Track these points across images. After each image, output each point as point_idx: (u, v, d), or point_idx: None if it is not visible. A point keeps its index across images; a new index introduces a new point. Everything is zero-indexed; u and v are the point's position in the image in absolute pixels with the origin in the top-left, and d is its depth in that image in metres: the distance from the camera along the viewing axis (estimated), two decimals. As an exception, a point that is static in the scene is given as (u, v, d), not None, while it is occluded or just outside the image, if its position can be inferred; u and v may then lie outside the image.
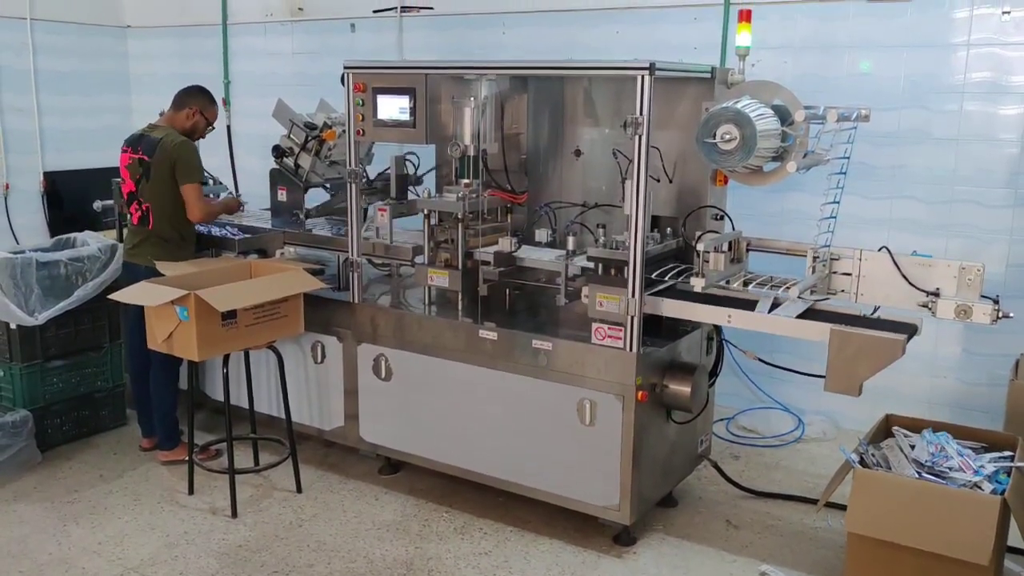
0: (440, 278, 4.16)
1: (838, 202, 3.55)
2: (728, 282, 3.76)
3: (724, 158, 3.37)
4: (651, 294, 3.68)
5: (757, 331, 3.58)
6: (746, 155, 3.31)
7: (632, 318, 3.57)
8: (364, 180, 4.46)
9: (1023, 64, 4.48)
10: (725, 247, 3.79)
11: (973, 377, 4.81)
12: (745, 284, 3.74)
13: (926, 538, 3.14)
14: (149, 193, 4.47)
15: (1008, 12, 4.48)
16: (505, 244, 4.15)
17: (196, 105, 4.63)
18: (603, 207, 4.32)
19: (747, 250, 3.97)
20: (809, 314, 3.55)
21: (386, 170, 4.66)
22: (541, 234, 4.17)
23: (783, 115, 3.45)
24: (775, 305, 3.57)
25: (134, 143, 4.53)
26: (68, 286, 4.66)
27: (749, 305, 3.61)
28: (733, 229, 4.02)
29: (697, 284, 3.56)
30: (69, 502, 4.27)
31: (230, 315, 3.95)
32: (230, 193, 5.59)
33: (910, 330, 3.41)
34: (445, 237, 4.23)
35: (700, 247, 3.63)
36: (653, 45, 5.25)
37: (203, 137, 4.73)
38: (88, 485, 4.44)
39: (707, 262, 3.67)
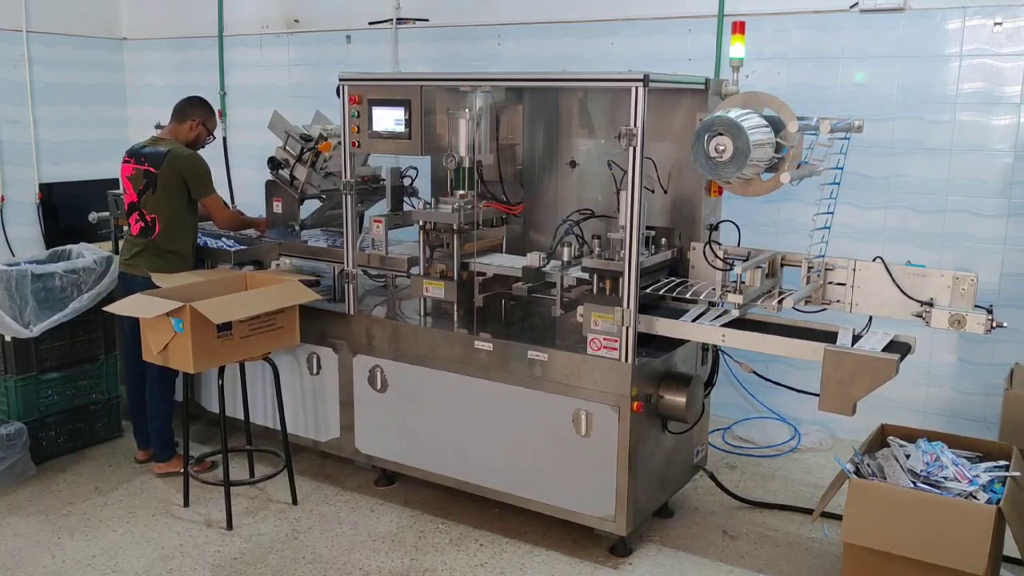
0: (435, 289, 4.16)
1: (832, 212, 3.56)
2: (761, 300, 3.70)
3: (718, 169, 3.38)
4: (644, 311, 3.69)
5: (751, 350, 3.60)
6: (739, 166, 3.32)
7: (627, 329, 3.57)
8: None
9: (1015, 74, 4.51)
10: (765, 265, 3.75)
11: (968, 386, 4.82)
12: (780, 302, 3.66)
13: (921, 548, 3.14)
14: (155, 204, 4.47)
15: (1000, 23, 4.51)
16: (534, 259, 3.97)
17: (199, 116, 4.66)
18: (598, 218, 4.33)
19: (781, 265, 3.89)
20: (802, 333, 3.57)
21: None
22: (566, 252, 3.90)
23: (777, 126, 3.46)
24: (857, 338, 3.55)
25: (137, 155, 4.53)
26: (63, 298, 4.65)
27: (823, 335, 3.57)
28: (740, 236, 3.99)
29: (734, 299, 3.54)
30: (64, 515, 4.25)
31: (225, 327, 3.95)
32: (237, 209, 5.55)
33: (904, 349, 3.42)
34: (440, 247, 4.24)
35: (737, 269, 3.54)
36: (648, 56, 5.28)
37: (203, 147, 4.75)
38: (83, 497, 4.43)
39: (743, 281, 3.60)
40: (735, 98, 3.60)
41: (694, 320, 3.70)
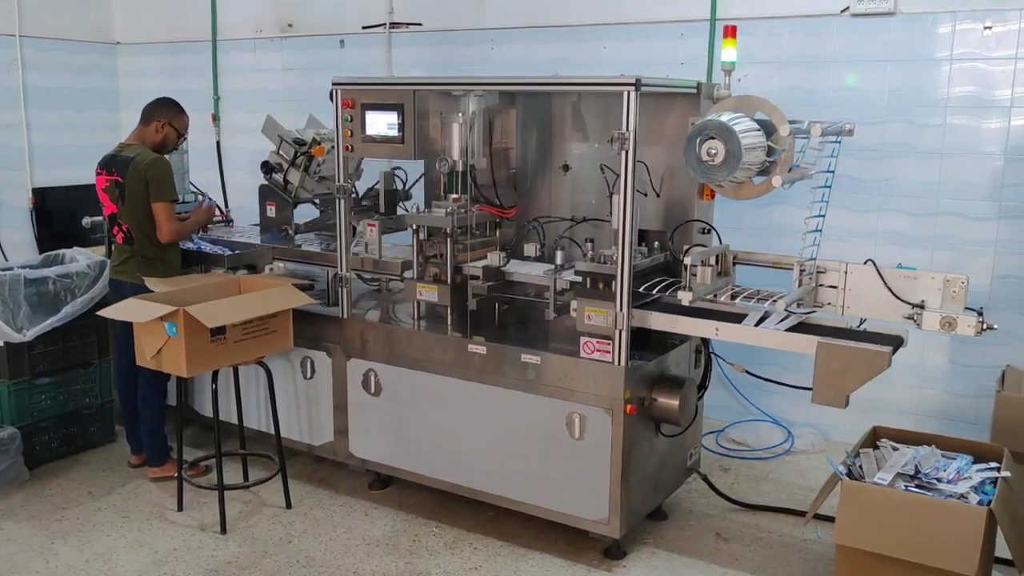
0: (429, 293, 4.17)
1: (823, 215, 3.58)
2: (716, 296, 3.78)
3: (710, 172, 3.39)
4: (638, 306, 3.70)
5: (745, 344, 3.60)
6: (731, 170, 3.34)
7: (620, 332, 3.58)
8: (353, 196, 4.48)
9: (1005, 78, 4.53)
10: (712, 261, 3.81)
11: (960, 388, 4.84)
12: (732, 297, 3.76)
13: (913, 549, 3.15)
14: (128, 215, 4.43)
15: (990, 27, 4.53)
16: (494, 259, 4.16)
17: (164, 117, 4.57)
18: (591, 221, 4.35)
19: (734, 263, 3.99)
20: (796, 327, 3.57)
21: (375, 184, 4.68)
22: (530, 248, 4.19)
23: (768, 129, 3.48)
24: (764, 318, 3.58)
25: (108, 165, 4.47)
26: (56, 303, 4.65)
27: (738, 318, 3.62)
28: (720, 243, 4.04)
29: (684, 298, 3.58)
30: (57, 520, 4.24)
31: (219, 331, 3.95)
32: (200, 203, 5.24)
33: (896, 342, 3.43)
34: (434, 252, 4.25)
35: (687, 261, 3.65)
36: (640, 61, 5.30)
37: (176, 149, 4.70)
38: (76, 502, 4.42)
39: (694, 276, 3.69)
40: (727, 102, 3.62)
41: (756, 325, 3.62)
